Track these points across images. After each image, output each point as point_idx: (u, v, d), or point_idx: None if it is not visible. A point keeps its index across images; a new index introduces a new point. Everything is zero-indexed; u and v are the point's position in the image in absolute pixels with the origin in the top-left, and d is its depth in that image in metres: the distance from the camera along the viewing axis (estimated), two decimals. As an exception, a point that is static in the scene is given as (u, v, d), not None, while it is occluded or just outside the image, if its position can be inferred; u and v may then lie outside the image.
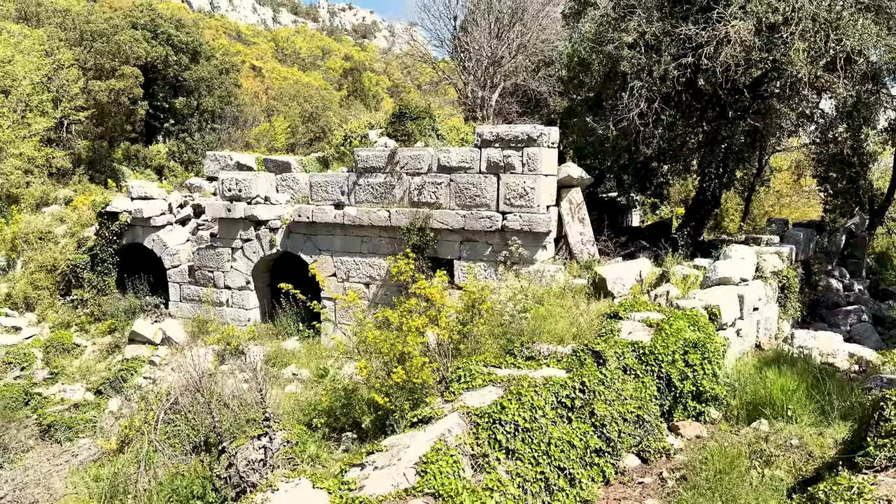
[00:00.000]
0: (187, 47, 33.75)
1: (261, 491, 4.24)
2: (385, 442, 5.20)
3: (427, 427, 5.24)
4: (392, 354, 6.10)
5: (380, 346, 6.18)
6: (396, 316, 6.64)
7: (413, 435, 5.20)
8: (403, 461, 4.66)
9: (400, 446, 5.06)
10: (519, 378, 5.85)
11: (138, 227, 16.73)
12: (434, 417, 5.42)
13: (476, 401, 5.67)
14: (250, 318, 15.88)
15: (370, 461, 4.88)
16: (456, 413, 5.26)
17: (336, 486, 4.41)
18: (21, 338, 16.92)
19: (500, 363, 6.46)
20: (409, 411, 6.17)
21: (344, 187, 14.69)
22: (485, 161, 13.20)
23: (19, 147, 21.52)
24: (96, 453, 8.53)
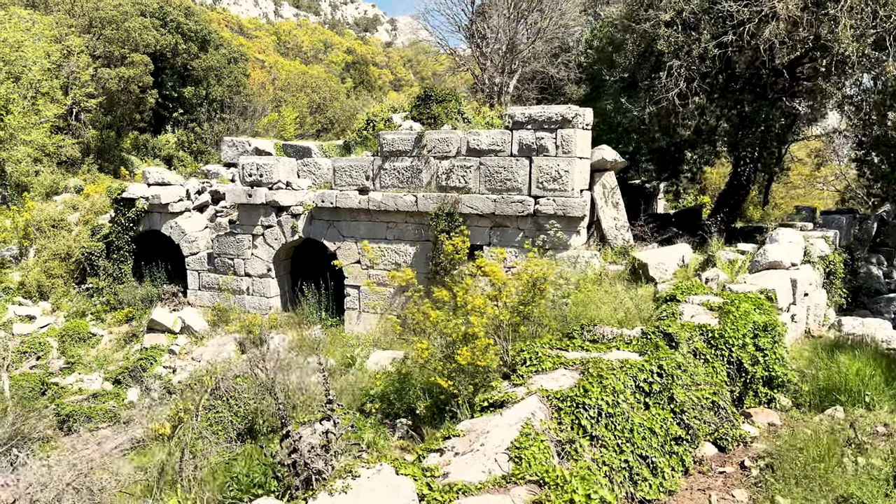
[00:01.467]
0: (196, 36, 33.29)
1: (340, 477, 3.87)
2: (460, 427, 4.81)
3: (503, 411, 4.85)
4: (456, 335, 5.71)
5: (442, 326, 5.79)
6: (450, 295, 6.24)
7: (489, 419, 4.82)
8: (488, 447, 4.27)
9: (477, 431, 4.68)
10: (594, 361, 5.46)
11: (155, 214, 16.33)
12: (508, 401, 5.04)
13: (550, 384, 5.28)
14: (271, 306, 15.49)
15: (448, 446, 4.50)
16: (535, 397, 4.88)
17: (419, 472, 4.03)
18: (35, 327, 16.56)
19: (567, 346, 6.07)
20: (474, 395, 5.79)
21: (368, 172, 14.28)
22: (516, 143, 12.78)
23: (30, 133, 21.11)
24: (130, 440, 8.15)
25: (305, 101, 48.82)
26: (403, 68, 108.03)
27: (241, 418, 6.48)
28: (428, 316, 5.96)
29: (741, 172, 14.58)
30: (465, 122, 14.90)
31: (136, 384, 14.10)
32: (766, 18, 11.81)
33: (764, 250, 10.28)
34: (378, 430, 6.01)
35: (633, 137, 15.66)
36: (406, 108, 15.75)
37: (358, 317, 14.71)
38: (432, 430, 6.21)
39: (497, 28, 23.31)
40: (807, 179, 32.64)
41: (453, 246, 6.95)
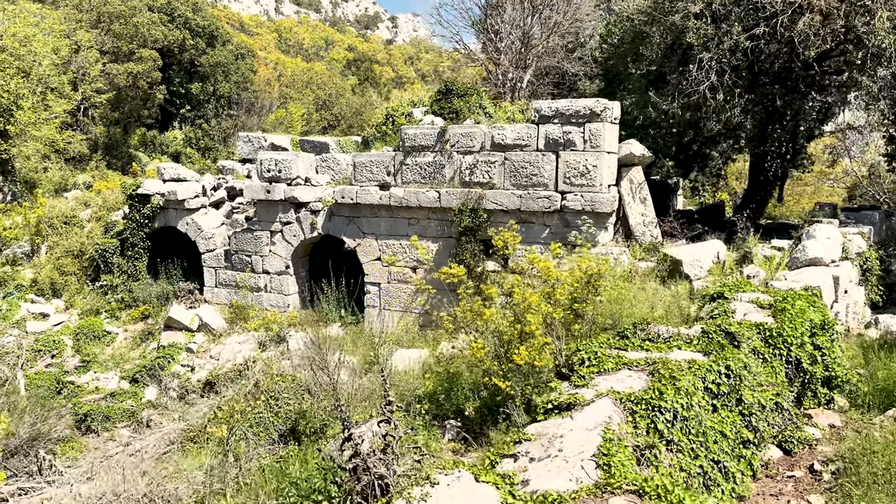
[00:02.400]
0: (204, 31, 33.03)
1: (417, 484, 3.65)
2: (529, 430, 4.58)
3: (574, 414, 4.62)
4: (511, 334, 5.48)
5: (497, 324, 5.56)
6: (498, 292, 6.01)
7: (559, 423, 4.59)
8: (567, 452, 4.04)
9: (548, 435, 4.45)
10: (662, 361, 5.23)
11: (171, 210, 16.10)
12: (575, 404, 4.81)
13: (617, 386, 5.05)
14: (289, 303, 15.26)
15: (521, 451, 4.27)
16: (607, 399, 4.65)
17: (499, 479, 3.81)
18: (49, 325, 16.34)
19: (626, 345, 5.84)
20: (529, 396, 5.57)
21: (390, 167, 14.04)
22: (542, 138, 12.55)
23: (41, 129, 20.87)
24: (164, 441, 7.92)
25: (311, 97, 48.59)
26: (405, 66, 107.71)
27: (282, 419, 6.26)
28: (480, 314, 5.73)
29: (767, 168, 14.34)
30: (487, 116, 14.66)
31: (154, 383, 13.89)
32: (801, 10, 11.57)
33: (803, 246, 10.06)
34: (430, 432, 5.78)
35: (651, 133, 15.42)
36: (426, 102, 15.52)
37: (378, 314, 14.48)
38: (482, 432, 5.99)
39: (511, 22, 23.04)
40: (817, 176, 32.38)
41: (503, 241, 6.70)
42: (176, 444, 7.61)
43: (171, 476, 5.39)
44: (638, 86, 14.11)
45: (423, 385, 6.54)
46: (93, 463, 8.78)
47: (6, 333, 16.09)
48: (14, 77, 20.73)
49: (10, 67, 20.53)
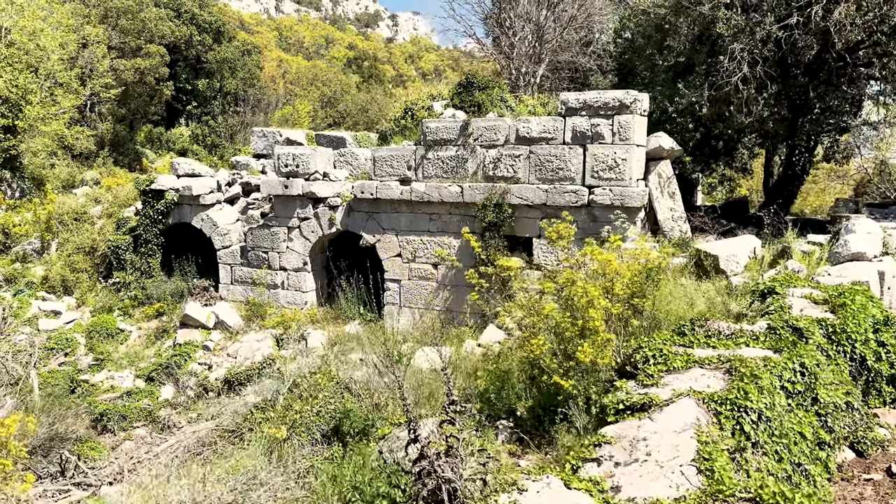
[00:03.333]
0: (210, 27, 32.74)
1: (504, 490, 3.38)
2: (607, 432, 4.31)
3: (653, 415, 4.35)
4: (573, 330, 5.21)
5: (559, 319, 5.28)
6: (555, 287, 5.73)
7: (638, 424, 4.32)
8: (658, 456, 3.77)
9: (628, 438, 4.18)
10: (738, 359, 4.96)
11: (186, 206, 15.81)
12: (650, 404, 4.53)
13: (692, 385, 4.78)
14: (307, 301, 14.98)
15: (604, 455, 4.00)
16: (690, 400, 4.37)
17: (591, 486, 3.53)
18: (61, 322, 16.06)
19: (692, 342, 5.57)
20: (591, 396, 5.30)
21: (410, 162, 13.76)
22: (569, 131, 12.26)
23: (50, 125, 20.58)
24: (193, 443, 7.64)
25: (316, 94, 48.31)
26: (405, 64, 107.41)
27: (324, 419, 5.99)
28: (538, 311, 5.45)
29: (795, 162, 14.06)
30: (509, 109, 14.39)
31: (171, 381, 13.61)
32: None
33: (844, 241, 9.77)
34: (483, 433, 5.52)
35: (667, 128, 15.16)
36: (445, 95, 15.24)
37: (398, 312, 14.21)
38: (538, 433, 5.72)
39: (524, 16, 22.76)
40: (826, 173, 32.11)
41: (557, 233, 6.42)
42: (208, 445, 7.32)
43: (223, 479, 5.11)
44: (664, 78, 13.83)
45: (475, 384, 6.26)
46: (118, 464, 8.51)
47: (18, 331, 15.82)
48: (23, 72, 20.46)
49: (18, 62, 20.25)
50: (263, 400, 7.22)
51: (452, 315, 13.67)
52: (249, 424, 6.76)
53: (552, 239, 6.36)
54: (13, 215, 19.35)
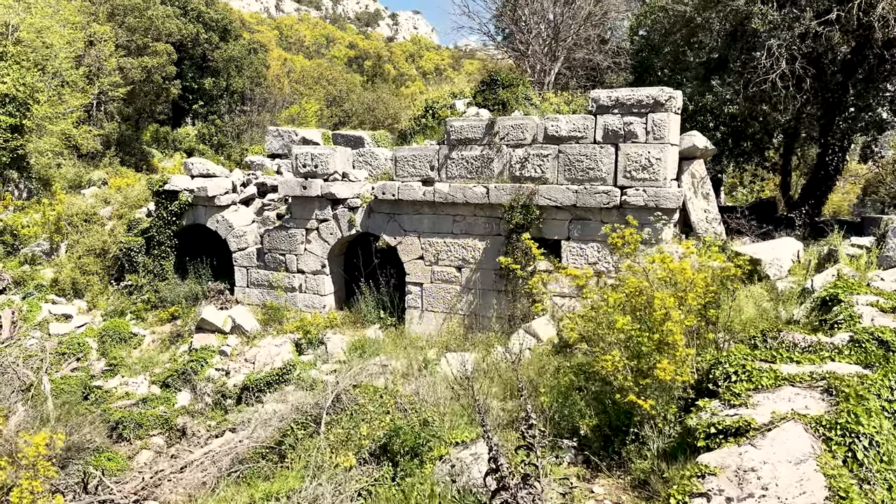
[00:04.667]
0: (217, 25, 32.32)
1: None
2: (707, 461, 3.92)
3: (756, 442, 3.96)
4: (649, 344, 4.82)
5: (635, 333, 4.89)
6: (621, 297, 5.33)
7: (738, 451, 3.93)
8: (778, 492, 3.38)
9: (732, 468, 3.80)
10: (833, 377, 4.57)
11: (200, 208, 15.41)
12: (748, 428, 4.14)
13: (784, 406, 4.39)
14: (325, 304, 14.59)
15: (712, 489, 3.61)
16: (796, 424, 3.98)
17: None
18: (72, 326, 15.67)
19: (774, 357, 5.17)
20: (667, 415, 4.90)
21: (433, 161, 13.37)
22: (601, 129, 11.87)
23: (58, 124, 20.17)
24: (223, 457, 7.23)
25: (322, 93, 47.89)
26: (406, 63, 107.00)
27: (370, 436, 5.60)
28: (611, 324, 5.06)
29: (829, 161, 13.67)
30: (533, 107, 14.00)
31: (187, 388, 13.23)
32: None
33: (894, 244, 9.39)
34: (543, 454, 5.13)
35: (686, 127, 14.77)
36: (467, 94, 14.85)
37: (420, 316, 13.82)
38: (607, 454, 5.33)
39: (539, 12, 22.36)
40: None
41: (622, 238, 6.01)
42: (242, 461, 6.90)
43: None
44: (694, 74, 13.43)
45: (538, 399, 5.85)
46: (143, 478, 8.11)
47: (28, 335, 15.43)
48: (30, 70, 20.05)
49: (26, 60, 19.85)
50: (304, 413, 6.82)
51: (477, 319, 13.28)
52: (291, 441, 6.37)
53: (617, 245, 5.97)
54: (21, 216, 18.96)
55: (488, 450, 3.84)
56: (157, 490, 7.92)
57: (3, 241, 18.19)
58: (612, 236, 6.08)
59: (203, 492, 6.39)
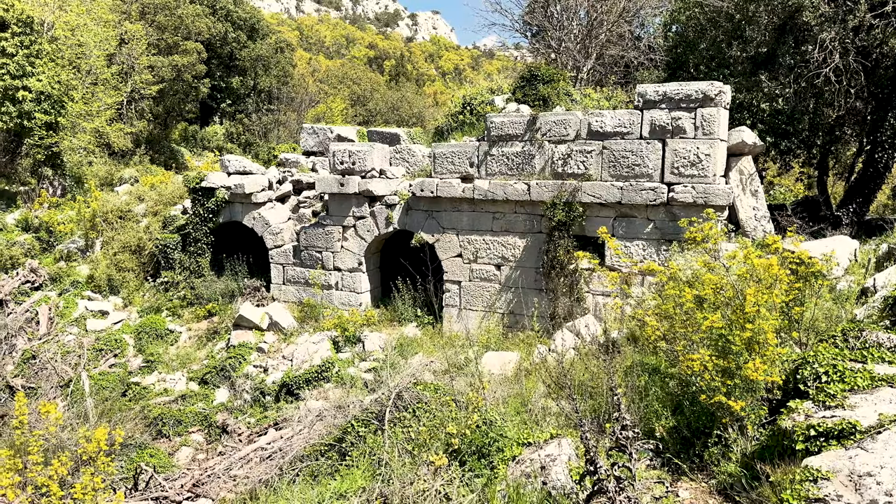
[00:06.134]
0: (245, 23, 32.41)
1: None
2: (819, 465, 3.71)
3: (866, 444, 3.74)
4: (740, 344, 4.61)
5: (724, 331, 4.68)
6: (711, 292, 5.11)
7: (851, 455, 3.72)
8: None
9: (845, 472, 3.60)
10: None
11: (237, 205, 15.38)
12: (854, 431, 3.93)
13: (886, 408, 4.17)
14: (362, 302, 14.49)
15: (829, 495, 3.41)
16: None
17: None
18: (109, 323, 15.72)
19: (864, 356, 4.94)
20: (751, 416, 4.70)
21: (473, 158, 13.21)
22: (647, 125, 11.63)
23: (92, 122, 20.29)
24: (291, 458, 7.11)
25: (346, 92, 47.95)
26: (425, 63, 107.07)
27: (436, 436, 5.43)
28: (694, 322, 4.86)
29: (878, 159, 13.30)
30: (574, 103, 13.79)
31: (226, 384, 13.18)
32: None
33: (961, 243, 9.07)
34: (619, 456, 4.94)
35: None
36: (506, 90, 14.66)
37: (458, 315, 13.67)
38: (688, 456, 5.13)
39: (571, 9, 22.11)
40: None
41: (702, 233, 5.80)
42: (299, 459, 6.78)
43: None
44: (741, 69, 13.13)
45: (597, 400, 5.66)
46: (192, 475, 8.03)
47: (66, 332, 15.52)
48: (65, 68, 20.19)
49: (61, 58, 19.99)
50: (364, 410, 6.68)
51: (516, 318, 13.11)
52: (352, 438, 6.24)
53: (696, 240, 5.75)
54: (56, 213, 19.09)
55: (585, 451, 3.68)
56: (208, 487, 7.85)
57: (39, 238, 18.33)
58: (690, 230, 5.86)
59: (265, 490, 6.28)
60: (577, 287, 12.46)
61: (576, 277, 12.51)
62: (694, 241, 5.74)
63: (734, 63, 13.22)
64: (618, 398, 4.02)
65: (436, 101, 56.40)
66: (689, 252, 10.75)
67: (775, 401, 4.92)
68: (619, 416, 3.93)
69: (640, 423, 5.35)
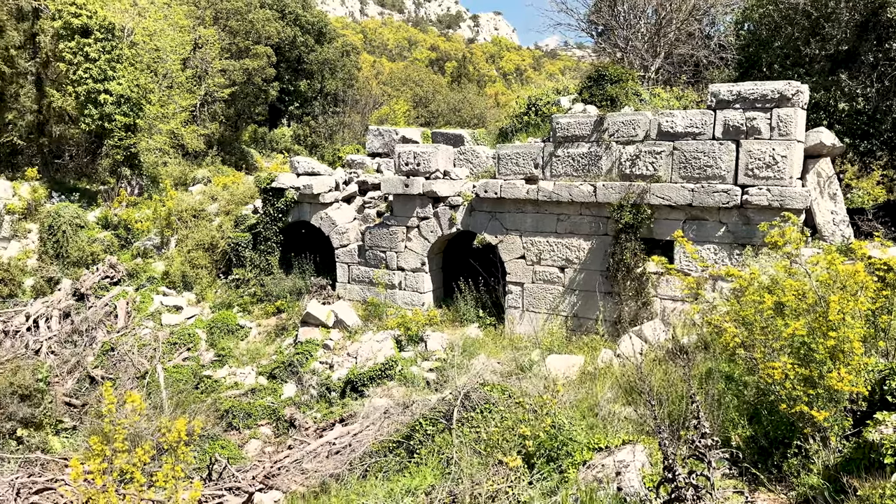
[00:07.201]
0: (313, 27, 33.13)
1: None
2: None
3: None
4: (823, 351, 4.45)
5: (808, 338, 4.53)
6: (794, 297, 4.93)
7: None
8: None
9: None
10: None
11: (305, 205, 15.75)
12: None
13: None
14: (424, 302, 14.61)
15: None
16: None
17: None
18: (183, 317, 16.34)
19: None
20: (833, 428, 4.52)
21: (538, 159, 13.14)
22: (720, 125, 11.32)
23: (168, 123, 21.13)
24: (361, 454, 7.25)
25: (409, 94, 48.39)
26: (486, 64, 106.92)
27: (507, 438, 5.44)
28: (772, 327, 4.71)
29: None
30: (643, 103, 13.55)
31: (293, 380, 13.51)
32: None
33: None
34: (695, 465, 4.83)
35: None
36: (571, 90, 14.53)
37: (521, 317, 13.62)
38: (766, 467, 4.98)
39: (640, 7, 21.71)
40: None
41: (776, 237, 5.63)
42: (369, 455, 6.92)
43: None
44: (819, 68, 12.63)
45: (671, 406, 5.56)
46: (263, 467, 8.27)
47: (142, 325, 16.20)
48: (143, 72, 21.09)
49: (140, 62, 20.89)
50: (433, 410, 6.75)
51: (580, 322, 12.97)
52: (420, 436, 6.32)
53: (777, 244, 5.57)
54: (134, 211, 19.96)
55: (663, 458, 3.62)
56: (278, 479, 8.08)
57: (117, 235, 19.20)
58: (771, 234, 5.69)
59: (335, 484, 6.43)
60: (644, 291, 12.24)
61: (643, 281, 12.29)
62: (774, 245, 5.56)
63: (811, 61, 12.74)
64: (696, 405, 3.93)
65: (497, 101, 56.31)
66: (764, 257, 10.42)
67: (860, 412, 4.73)
68: (698, 423, 3.85)
69: (715, 432, 5.21)
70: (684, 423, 5.43)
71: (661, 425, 3.92)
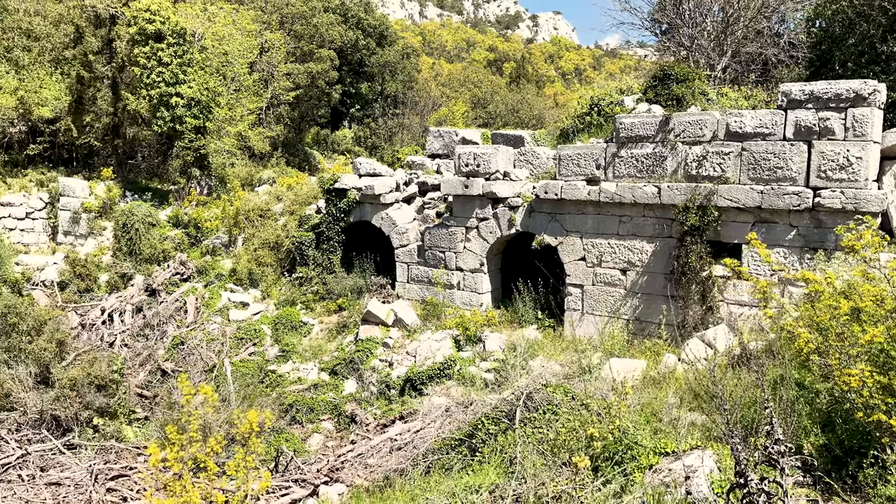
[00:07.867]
0: (374, 31, 33.61)
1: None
2: None
3: None
4: (904, 358, 4.31)
5: (883, 345, 4.39)
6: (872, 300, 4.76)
7: None
8: None
9: None
10: None
11: (367, 205, 16.03)
12: None
13: None
14: (482, 302, 14.67)
15: None
16: None
17: None
18: (249, 313, 16.85)
19: None
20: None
21: (600, 160, 13.01)
22: (791, 125, 10.98)
23: (235, 126, 21.82)
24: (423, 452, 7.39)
25: (467, 95, 48.55)
26: (545, 64, 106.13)
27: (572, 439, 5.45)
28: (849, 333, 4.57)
29: None
30: (710, 103, 13.26)
31: (354, 376, 13.78)
32: None
33: None
34: (766, 471, 4.73)
35: None
36: (636, 90, 14.33)
37: (580, 319, 13.51)
38: (841, 476, 4.83)
39: (706, 5, 21.22)
40: None
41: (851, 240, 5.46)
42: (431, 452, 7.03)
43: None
44: None
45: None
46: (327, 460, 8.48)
47: (210, 321, 16.80)
48: (212, 76, 21.85)
49: (209, 66, 21.65)
50: (495, 409, 6.81)
51: (642, 325, 12.78)
52: (482, 435, 6.39)
53: (854, 248, 5.39)
54: (203, 210, 20.69)
55: (735, 463, 3.57)
56: (342, 473, 8.28)
57: (187, 233, 19.95)
58: (847, 237, 5.51)
59: (399, 479, 6.56)
60: (710, 295, 11.98)
61: (708, 285, 12.03)
62: (850, 249, 5.38)
63: (888, 59, 12.21)
64: (770, 411, 3.86)
65: (556, 102, 55.84)
66: (837, 261, 10.06)
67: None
68: (771, 429, 3.78)
69: (788, 439, 5.09)
70: (755, 430, 5.32)
71: (734, 430, 3.86)
